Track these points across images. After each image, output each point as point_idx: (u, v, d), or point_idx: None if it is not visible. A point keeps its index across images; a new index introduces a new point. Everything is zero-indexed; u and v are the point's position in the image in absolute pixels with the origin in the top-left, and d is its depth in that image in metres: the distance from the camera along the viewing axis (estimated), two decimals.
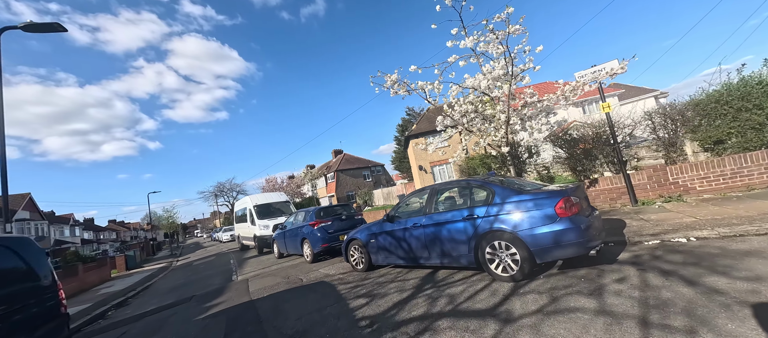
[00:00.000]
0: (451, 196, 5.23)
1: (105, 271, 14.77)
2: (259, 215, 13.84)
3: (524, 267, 3.78)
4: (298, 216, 9.38)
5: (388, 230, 5.41)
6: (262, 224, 13.25)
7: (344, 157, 43.80)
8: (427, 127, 23.65)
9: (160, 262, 20.69)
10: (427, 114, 25.64)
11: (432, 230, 4.66)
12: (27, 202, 30.82)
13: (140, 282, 12.00)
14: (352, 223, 8.62)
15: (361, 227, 6.27)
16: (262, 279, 7.33)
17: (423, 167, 23.10)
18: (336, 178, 39.30)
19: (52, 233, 35.91)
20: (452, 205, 4.94)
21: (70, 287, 11.42)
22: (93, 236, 59.66)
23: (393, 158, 48.22)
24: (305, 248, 8.48)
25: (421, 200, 5.28)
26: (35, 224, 31.17)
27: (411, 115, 48.89)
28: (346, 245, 6.37)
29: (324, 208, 8.95)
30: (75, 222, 45.85)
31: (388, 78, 6.95)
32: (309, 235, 8.23)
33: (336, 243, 8.05)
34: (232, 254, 16.16)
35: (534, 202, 3.81)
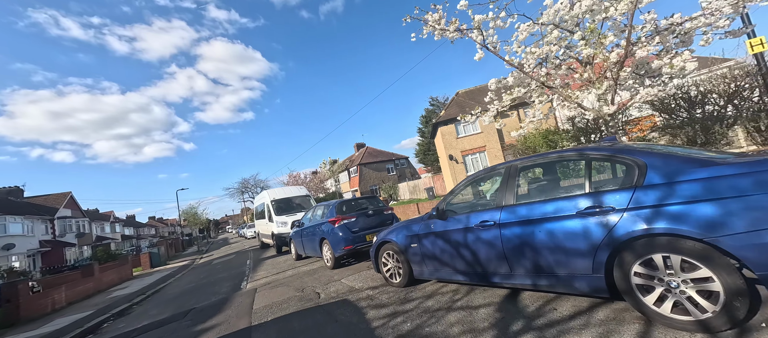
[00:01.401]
0: (549, 177, 3.40)
1: (126, 269, 14.33)
2: (277, 211, 12.62)
3: (733, 308, 1.92)
4: (316, 212, 7.90)
5: (438, 232, 3.70)
6: (279, 221, 12.01)
7: (367, 150, 42.42)
8: (456, 112, 21.47)
9: (185, 259, 20.40)
10: (457, 99, 23.44)
11: (516, 233, 2.89)
12: (68, 200, 32.41)
13: (155, 283, 11.20)
14: (381, 219, 6.99)
15: (397, 226, 4.60)
16: (272, 291, 5.90)
17: (453, 156, 21.03)
18: (359, 172, 38.03)
19: (93, 230, 37.78)
20: (552, 191, 3.13)
21: (85, 288, 10.83)
22: (133, 233, 63.11)
23: (417, 150, 46.25)
24: (325, 250, 6.98)
25: (489, 185, 3.51)
26: (76, 221, 32.76)
27: (435, 105, 46.58)
28: (376, 250, 4.74)
29: (346, 201, 7.37)
30: (115, 219, 48.34)
31: (430, 17, 5.17)
32: (329, 235, 6.70)
33: (362, 245, 6.46)
34: (252, 252, 15.21)
35: (755, 178, 1.91)
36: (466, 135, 21.23)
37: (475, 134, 21.11)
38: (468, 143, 21.11)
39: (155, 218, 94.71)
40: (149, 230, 75.26)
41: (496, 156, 20.69)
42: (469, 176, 3.79)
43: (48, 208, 29.81)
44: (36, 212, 27.31)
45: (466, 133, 21.31)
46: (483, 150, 20.97)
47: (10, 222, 22.74)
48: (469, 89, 24.61)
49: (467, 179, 3.83)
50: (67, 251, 28.58)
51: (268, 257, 11.53)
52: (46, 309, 8.77)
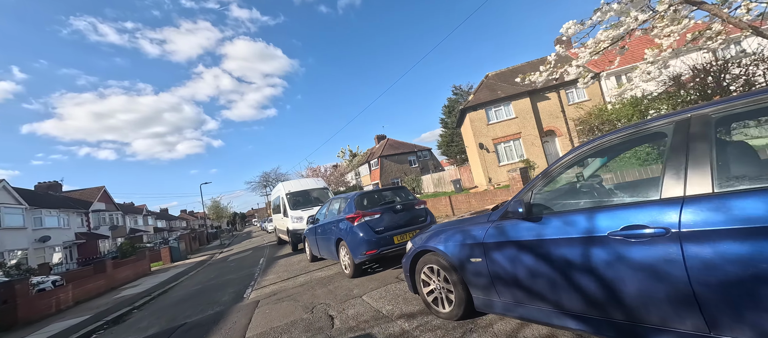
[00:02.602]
0: None
1: (143, 265, 13.92)
2: (293, 205, 11.52)
3: None
4: (333, 205, 6.57)
5: (524, 242, 2.20)
6: (295, 216, 10.90)
7: (388, 142, 40.94)
8: (487, 96, 19.46)
9: (206, 253, 20.12)
10: (487, 81, 21.30)
11: (728, 254, 1.32)
12: (102, 194, 33.75)
13: (166, 282, 10.49)
14: (412, 216, 5.53)
15: (441, 228, 3.13)
16: (275, 307, 4.64)
17: (484, 145, 19.07)
18: (380, 164, 36.70)
19: (127, 222, 39.40)
20: None
21: (96, 285, 10.30)
22: (166, 225, 66.05)
23: (439, 142, 44.15)
24: (342, 253, 5.64)
25: (627, 159, 2.01)
26: (110, 214, 34.12)
27: (458, 93, 44.12)
28: (412, 261, 3.29)
29: (368, 193, 5.96)
30: (148, 212, 50.47)
31: None
32: (347, 235, 5.34)
33: (389, 249, 5.05)
34: (269, 249, 14.33)
35: None
36: (498, 121, 19.16)
37: (508, 120, 18.99)
38: (500, 129, 19.04)
39: (186, 212, 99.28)
40: (180, 222, 78.72)
41: (533, 144, 18.51)
42: (587, 144, 2.19)
43: (83, 202, 31.10)
44: (72, 205, 28.47)
45: (498, 119, 19.23)
46: (517, 137, 18.84)
47: (46, 216, 23.60)
48: (500, 71, 22.35)
49: (581, 148, 2.23)
50: (100, 243, 29.69)
51: (283, 256, 10.46)
52: (49, 310, 8.20)
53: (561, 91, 19.03)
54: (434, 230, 3.24)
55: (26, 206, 21.55)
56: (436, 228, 3.28)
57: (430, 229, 3.42)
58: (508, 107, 19.13)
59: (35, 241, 22.05)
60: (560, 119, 18.91)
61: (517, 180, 7.24)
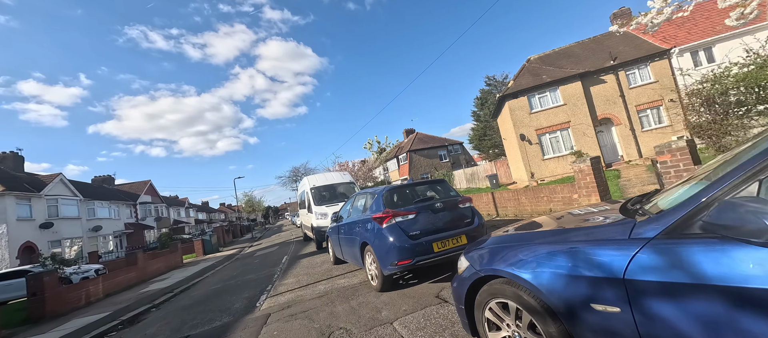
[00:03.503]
0: None
1: (175, 257, 14.09)
2: (317, 201, 10.80)
3: None
4: (357, 202, 5.60)
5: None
6: (319, 212, 10.14)
7: (417, 136, 39.52)
8: (530, 82, 17.43)
9: (237, 247, 20.36)
10: (529, 66, 19.17)
11: None
12: (148, 188, 36.15)
13: (191, 276, 10.28)
14: (454, 216, 4.37)
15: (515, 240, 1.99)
16: (285, 327, 3.77)
17: (526, 136, 17.12)
18: (409, 159, 35.47)
19: (170, 214, 42.06)
20: None
21: (126, 278, 10.33)
22: (206, 217, 70.18)
23: (471, 136, 41.77)
24: (367, 260, 4.63)
25: None
26: (155, 206, 36.50)
27: (492, 84, 41.32)
28: (467, 289, 2.17)
29: (398, 188, 4.88)
30: (190, 205, 53.73)
31: None
32: (373, 238, 4.31)
33: (427, 259, 3.96)
34: (294, 244, 13.87)
35: None
36: (542, 109, 17.08)
37: (555, 107, 16.85)
38: (545, 118, 16.97)
39: (225, 205, 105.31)
40: (219, 215, 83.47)
41: (585, 134, 16.26)
42: None
43: (132, 194, 33.44)
44: (122, 198, 30.66)
45: (542, 106, 17.15)
46: (566, 127, 16.66)
47: (98, 207, 25.46)
48: (544, 54, 20.05)
49: None
50: (146, 233, 31.74)
51: (306, 254, 9.76)
52: (78, 303, 8.20)
53: (620, 72, 16.48)
54: (503, 243, 2.11)
55: (80, 198, 23.31)
56: (506, 240, 2.14)
57: (494, 239, 2.29)
58: (554, 92, 16.98)
59: (89, 230, 23.85)
60: (618, 104, 16.41)
61: (587, 173, 5.75)
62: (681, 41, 15.90)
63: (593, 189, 5.72)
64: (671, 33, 16.83)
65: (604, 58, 17.22)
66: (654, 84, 16.07)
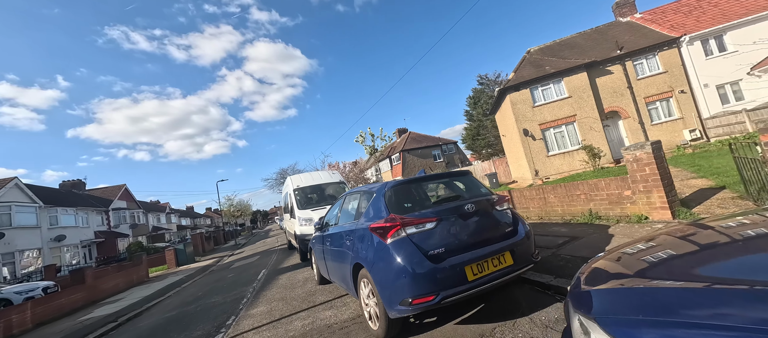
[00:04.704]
0: None
1: (139, 272, 12.25)
2: (301, 204, 9.27)
3: None
4: (348, 203, 4.13)
5: None
6: (303, 218, 8.60)
7: (410, 135, 38.25)
8: (532, 73, 16.30)
9: (215, 256, 18.51)
10: (529, 57, 18.09)
11: None
12: (123, 192, 33.64)
13: (148, 298, 8.56)
14: (489, 223, 2.96)
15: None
16: None
17: (529, 131, 15.95)
18: (402, 159, 34.14)
19: (149, 221, 39.46)
20: None
21: (69, 301, 8.53)
22: (190, 223, 67.14)
23: (464, 136, 40.76)
24: (363, 291, 3.15)
25: None
26: (130, 212, 33.98)
27: (484, 83, 40.40)
28: None
29: (406, 184, 3.39)
30: (171, 210, 50.93)
31: None
32: (372, 259, 2.85)
33: (458, 293, 2.52)
34: (277, 254, 12.25)
35: None
36: (546, 102, 15.96)
37: (560, 100, 15.75)
38: (549, 112, 15.84)
39: (212, 210, 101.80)
40: (205, 220, 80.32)
41: (591, 128, 15.20)
42: None
43: (104, 200, 30.94)
44: (92, 204, 28.21)
45: (545, 99, 16.03)
46: (572, 121, 15.57)
47: (62, 214, 23.10)
48: (545, 45, 19.03)
49: None
50: (119, 242, 29.32)
51: (288, 268, 8.22)
52: None
53: (627, 62, 15.52)
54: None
55: (40, 205, 20.98)
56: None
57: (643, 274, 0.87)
58: (559, 84, 15.89)
59: (50, 241, 21.52)
60: (626, 97, 15.43)
61: (646, 163, 4.44)
62: (690, 29, 15.05)
63: (655, 184, 4.40)
64: (679, 21, 16.00)
65: (609, 49, 16.25)
66: (663, 74, 15.16)
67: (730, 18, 14.63)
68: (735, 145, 4.39)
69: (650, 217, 4.54)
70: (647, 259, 1.43)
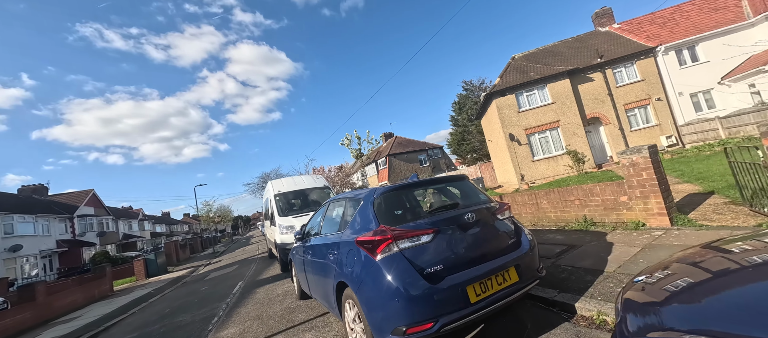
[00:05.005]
0: None
1: (102, 285, 11.22)
2: (282, 210, 8.73)
3: None
4: (333, 210, 3.73)
5: None
6: (284, 225, 8.07)
7: (396, 140, 38.08)
8: (518, 79, 16.47)
9: (191, 265, 17.42)
10: (514, 63, 18.31)
11: None
12: (90, 198, 31.45)
13: (107, 317, 7.72)
14: (491, 235, 2.64)
15: None
16: None
17: (515, 136, 16.05)
18: (388, 163, 33.86)
19: (119, 228, 37.10)
20: None
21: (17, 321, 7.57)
22: (166, 230, 64.03)
23: (449, 141, 41.10)
24: (348, 314, 2.75)
25: None
26: (98, 219, 31.78)
27: (469, 89, 41.03)
28: None
29: (396, 191, 2.99)
30: (145, 216, 48.23)
31: None
32: (359, 278, 2.46)
33: (460, 317, 2.16)
34: (257, 263, 11.56)
35: None
36: (530, 108, 16.13)
37: (544, 106, 15.95)
38: (534, 117, 16.01)
39: (190, 216, 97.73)
40: (182, 226, 76.89)
41: (575, 134, 15.45)
42: None
43: (69, 206, 28.79)
44: (55, 210, 26.14)
45: (530, 105, 16.20)
46: (556, 126, 15.79)
47: (19, 222, 21.20)
48: (529, 52, 19.36)
49: None
50: (85, 252, 27.27)
51: (267, 279, 7.64)
52: None
53: (607, 70, 15.95)
54: None
55: None
56: None
57: None
58: (543, 90, 16.11)
59: (4, 251, 19.65)
60: (607, 103, 15.83)
61: (643, 168, 4.29)
62: (665, 40, 15.67)
63: (652, 190, 4.25)
64: (654, 32, 16.65)
65: (590, 57, 16.69)
66: (641, 83, 15.67)
67: (701, 30, 15.34)
68: (730, 149, 4.32)
69: (648, 224, 4.38)
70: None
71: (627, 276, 3.03)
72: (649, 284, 1.32)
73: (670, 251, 3.41)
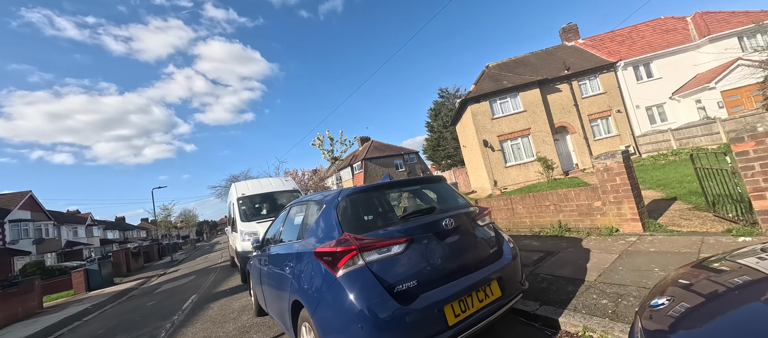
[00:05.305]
0: None
1: (29, 300, 9.70)
2: (246, 215, 8.01)
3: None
4: (295, 214, 3.24)
5: None
6: (247, 231, 7.36)
7: (372, 144, 37.77)
8: (492, 87, 16.83)
9: (142, 276, 15.78)
10: (489, 72, 18.75)
11: None
12: (27, 201, 27.87)
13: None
14: (473, 242, 2.33)
15: None
16: None
17: (489, 142, 16.32)
18: (364, 167, 33.40)
19: (62, 234, 33.26)
20: None
21: None
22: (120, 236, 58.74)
23: (425, 146, 41.56)
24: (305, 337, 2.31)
25: None
26: (37, 224, 28.23)
27: (445, 96, 41.86)
28: None
29: (364, 192, 2.58)
30: (94, 222, 43.77)
31: None
32: (316, 297, 2.03)
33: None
34: (216, 273, 10.60)
35: None
36: (504, 115, 16.51)
37: (516, 114, 16.39)
38: (507, 124, 16.40)
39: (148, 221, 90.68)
40: (139, 233, 71.00)
41: (544, 141, 15.99)
42: None
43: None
44: None
45: (503, 112, 16.59)
46: (526, 134, 16.26)
47: None
48: (502, 62, 19.94)
49: None
50: (17, 261, 23.99)
51: (224, 292, 6.89)
52: None
53: (573, 82, 16.76)
54: None
55: None
56: None
57: None
58: (515, 98, 16.57)
59: None
60: (573, 113, 16.59)
61: (617, 172, 4.25)
62: (624, 56, 16.77)
63: (626, 195, 4.22)
64: (615, 48, 17.79)
65: (558, 68, 17.46)
66: (603, 95, 16.61)
67: (655, 49, 16.60)
68: (696, 155, 4.41)
69: (621, 229, 4.34)
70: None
71: (608, 286, 2.86)
72: (674, 309, 1.04)
73: (647, 257, 3.31)
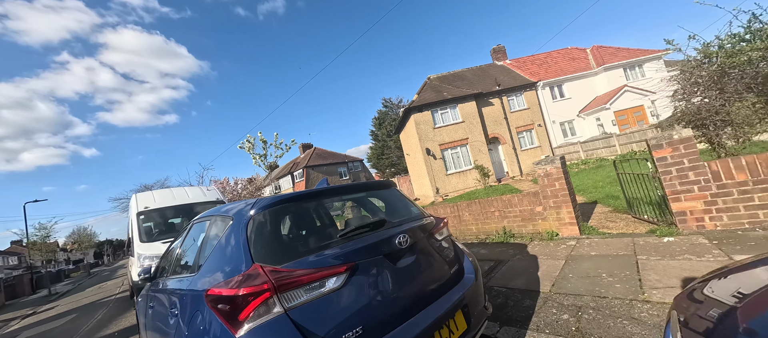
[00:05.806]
0: None
1: None
2: (145, 235, 6.44)
3: None
4: (196, 235, 2.34)
5: None
6: (146, 255, 5.86)
7: (315, 152, 36.22)
8: (433, 97, 17.43)
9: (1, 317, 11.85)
10: (430, 83, 19.46)
11: None
12: None
13: None
14: (431, 261, 1.86)
15: None
16: None
17: (431, 150, 16.75)
18: (305, 175, 31.68)
19: None
20: None
21: None
22: None
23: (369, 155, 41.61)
24: None
25: None
26: None
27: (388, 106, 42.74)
28: None
29: (291, 202, 1.98)
30: None
31: None
32: None
33: None
34: (108, 308, 8.39)
35: None
36: (444, 125, 17.20)
37: (455, 124, 17.22)
38: (447, 134, 17.09)
39: (25, 244, 72.07)
40: (7, 259, 55.70)
41: (480, 151, 17.06)
42: None
43: None
44: None
45: (444, 122, 17.29)
46: (465, 143, 17.16)
47: None
48: (442, 74, 20.95)
49: None
50: None
51: (111, 333, 5.28)
52: None
53: (504, 97, 18.38)
54: None
55: None
56: None
57: None
58: (454, 109, 17.43)
59: None
60: (503, 126, 18.14)
61: (556, 178, 4.34)
62: (542, 77, 19.10)
63: (564, 200, 4.33)
64: (535, 70, 20.16)
65: (490, 84, 19.01)
66: (527, 110, 18.57)
67: (565, 73, 19.27)
68: (618, 161, 4.80)
69: (560, 233, 4.43)
70: None
71: (565, 297, 2.70)
72: None
73: (591, 262, 3.31)
